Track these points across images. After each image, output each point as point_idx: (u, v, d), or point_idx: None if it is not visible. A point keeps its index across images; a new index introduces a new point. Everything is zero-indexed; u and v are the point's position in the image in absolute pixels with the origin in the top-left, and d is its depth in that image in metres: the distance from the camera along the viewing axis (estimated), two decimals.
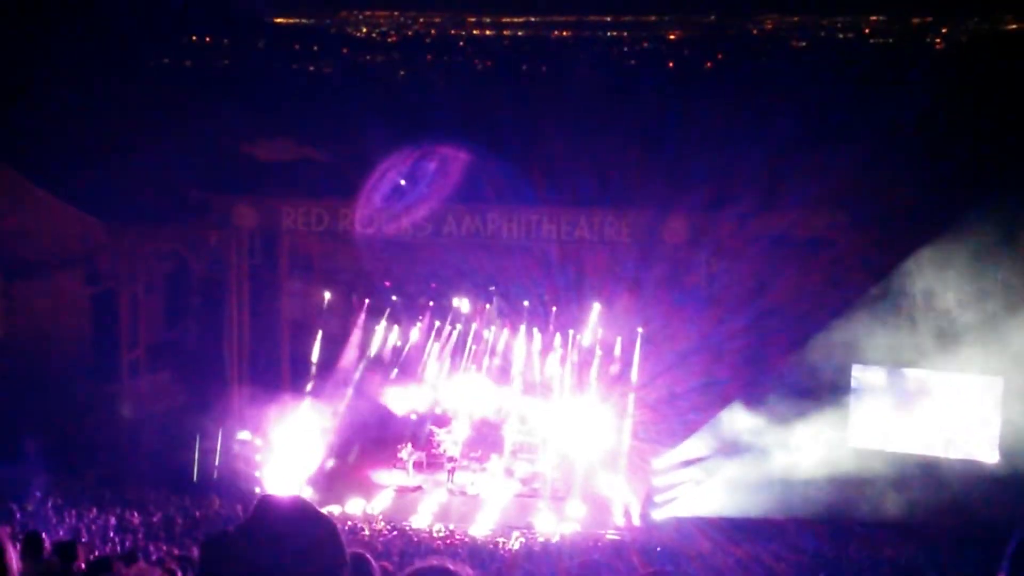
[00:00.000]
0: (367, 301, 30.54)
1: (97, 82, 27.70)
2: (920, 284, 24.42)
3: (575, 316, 29.74)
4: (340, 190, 28.21)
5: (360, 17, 32.87)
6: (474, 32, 32.49)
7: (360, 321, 30.63)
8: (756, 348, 26.48)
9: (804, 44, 31.66)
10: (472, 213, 27.80)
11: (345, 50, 32.45)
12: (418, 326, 30.72)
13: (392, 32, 32.69)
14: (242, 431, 28.02)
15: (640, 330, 28.66)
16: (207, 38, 31.61)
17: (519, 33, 32.54)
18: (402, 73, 32.13)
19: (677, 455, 26.93)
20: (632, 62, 31.99)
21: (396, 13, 32.82)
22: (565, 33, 32.65)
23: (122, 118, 27.66)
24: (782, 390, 25.64)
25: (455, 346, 30.57)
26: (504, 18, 32.27)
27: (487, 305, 30.40)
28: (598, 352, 29.53)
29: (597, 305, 29.48)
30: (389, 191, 27.22)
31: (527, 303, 29.81)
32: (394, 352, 30.80)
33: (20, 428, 24.99)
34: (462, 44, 32.41)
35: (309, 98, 30.12)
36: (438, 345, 30.72)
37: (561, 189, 27.25)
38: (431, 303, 30.60)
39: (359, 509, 26.65)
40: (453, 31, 32.38)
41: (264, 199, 28.56)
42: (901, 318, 24.89)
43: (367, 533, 24.41)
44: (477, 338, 30.51)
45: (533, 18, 32.13)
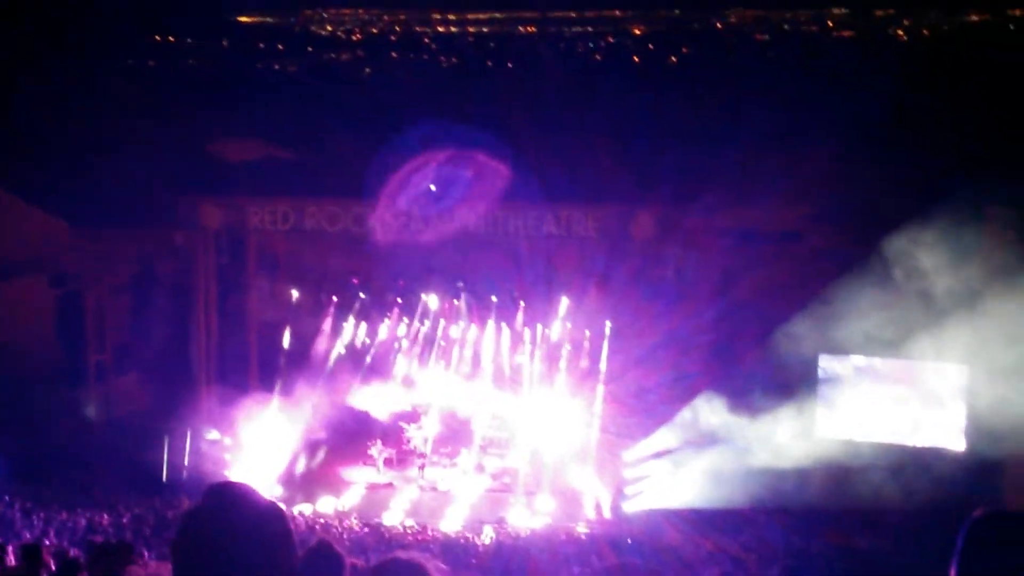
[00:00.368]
0: (335, 299, 30.48)
1: (60, 84, 27.51)
2: (886, 275, 24.53)
3: (543, 311, 29.77)
4: (307, 188, 28.19)
5: (324, 15, 32.76)
6: (439, 29, 32.45)
7: (328, 319, 30.56)
8: (725, 342, 26.58)
9: (768, 38, 31.77)
10: (441, 212, 27.80)
11: (310, 48, 32.34)
12: (386, 323, 30.67)
13: (357, 30, 32.61)
14: (211, 431, 27.93)
15: (608, 324, 28.71)
16: (171, 38, 31.43)
17: (484, 30, 32.53)
18: (367, 71, 32.09)
19: (647, 448, 26.99)
20: (597, 57, 32.00)
21: (361, 11, 32.72)
22: (530, 29, 32.65)
23: (86, 119, 27.50)
24: (750, 382, 25.75)
25: (424, 342, 30.55)
26: (469, 15, 32.21)
27: (455, 301, 30.39)
28: (567, 347, 29.57)
29: (565, 300, 29.52)
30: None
31: (495, 298, 29.83)
32: (363, 349, 30.74)
33: None
34: (427, 41, 32.36)
35: (274, 97, 30.02)
36: (407, 342, 30.70)
37: (528, 185, 27.27)
38: (399, 300, 30.56)
39: (330, 507, 26.61)
40: (418, 28, 32.34)
41: (230, 199, 28.48)
42: (868, 308, 24.99)
43: (339, 530, 24.37)
44: (446, 334, 30.52)
45: (498, 14, 32.09)
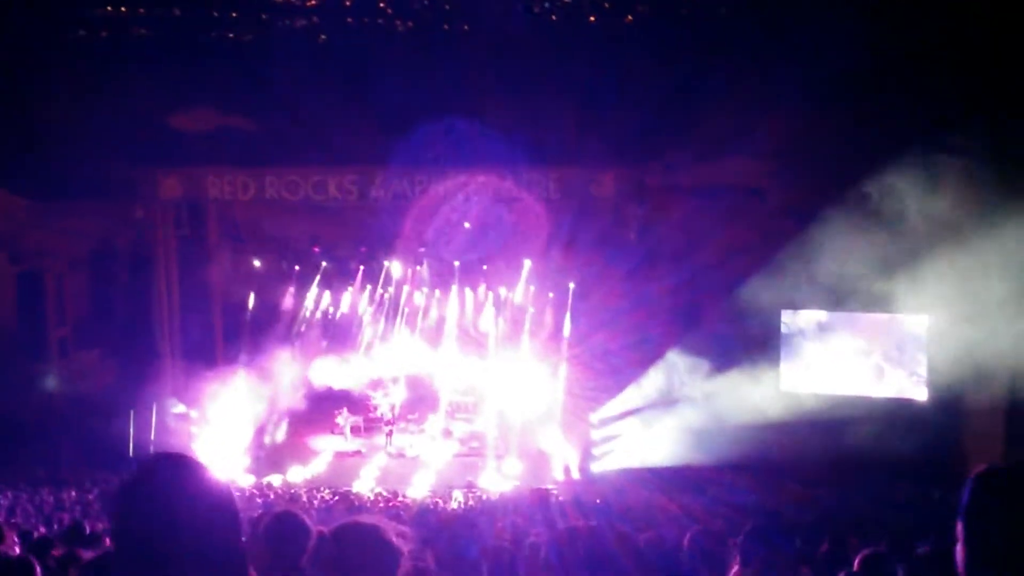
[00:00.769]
0: (297, 268, 30.39)
1: (11, 58, 27.13)
2: (846, 229, 24.64)
3: (507, 274, 29.80)
4: (265, 158, 28.00)
5: None
6: None
7: (291, 288, 30.49)
8: (689, 303, 26.69)
9: None
10: (399, 175, 27.73)
11: (264, 16, 31.92)
12: (350, 290, 30.62)
13: None
14: (176, 404, 27.84)
15: (572, 286, 28.77)
16: (122, 8, 30.98)
17: None
18: (323, 37, 31.74)
19: (613, 409, 27.13)
20: (553, 17, 31.78)
21: None
22: None
23: (39, 94, 27.16)
24: (714, 340, 25.90)
25: (388, 309, 30.54)
26: None
27: (417, 267, 30.37)
28: (530, 309, 29.63)
29: (528, 263, 29.54)
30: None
31: (458, 263, 29.83)
32: (327, 317, 30.71)
33: None
34: (383, 6, 31.97)
35: (229, 66, 29.67)
36: (371, 308, 30.67)
37: (489, 148, 27.20)
38: (361, 267, 30.50)
39: (299, 476, 26.64)
40: None
41: (189, 170, 28.28)
42: (828, 262, 25.13)
43: (308, 500, 24.39)
44: (409, 300, 30.51)
45: None
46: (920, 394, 25.45)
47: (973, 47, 24.16)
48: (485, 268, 29.86)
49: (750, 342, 26.11)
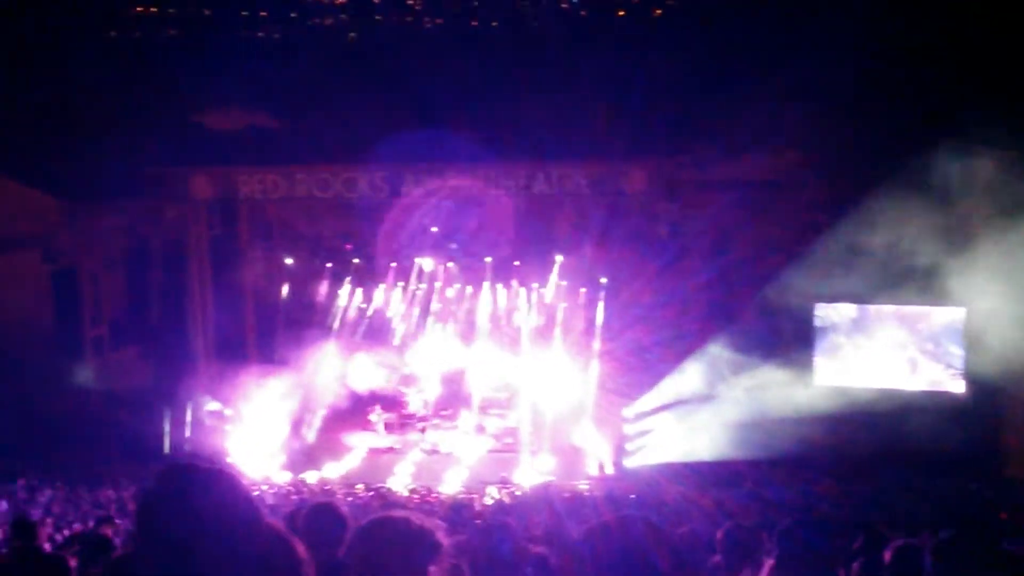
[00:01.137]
0: (329, 265, 30.45)
1: (45, 59, 27.32)
2: (880, 218, 24.50)
3: (538, 270, 29.77)
4: (296, 156, 28.06)
5: None
6: None
7: (323, 285, 30.55)
8: (722, 298, 26.58)
9: None
10: (431, 172, 27.74)
11: (293, 14, 32.04)
12: (382, 287, 30.67)
13: None
14: (210, 401, 27.94)
15: (604, 282, 28.71)
16: (152, 8, 31.15)
17: None
18: (352, 35, 31.82)
19: (647, 404, 27.06)
20: (582, 13, 31.75)
21: None
22: None
23: (72, 94, 27.33)
24: (747, 334, 25.79)
25: (420, 305, 30.57)
26: None
27: (449, 263, 30.38)
28: (562, 305, 29.59)
29: (560, 258, 29.50)
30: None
31: (489, 259, 29.80)
32: (359, 314, 30.76)
33: None
34: (411, 2, 32.04)
35: (259, 65, 29.75)
36: (403, 305, 30.71)
37: (519, 143, 27.20)
38: (393, 264, 30.54)
39: (333, 473, 26.70)
40: None
41: (220, 169, 28.35)
42: (862, 254, 24.99)
43: (342, 496, 24.44)
44: (442, 296, 30.53)
45: None
46: (957, 387, 25.26)
47: (1012, 34, 23.97)
48: (517, 264, 29.82)
49: (784, 336, 26.02)
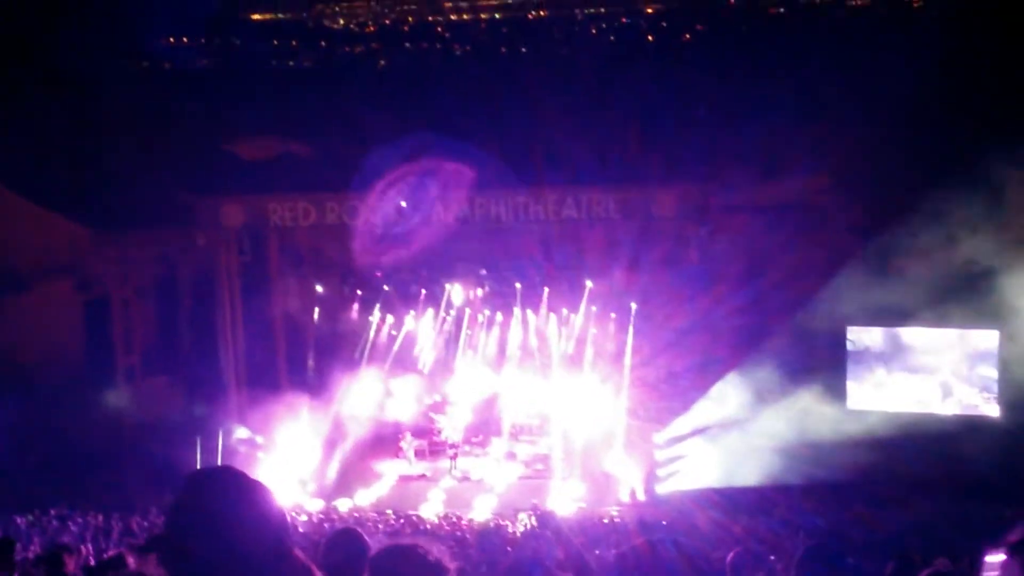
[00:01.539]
0: (359, 292, 30.48)
1: (78, 89, 27.53)
2: (912, 242, 24.38)
3: (569, 295, 29.72)
4: (326, 183, 28.15)
5: (337, 9, 32.68)
6: (451, 17, 32.32)
7: (354, 312, 30.58)
8: (754, 323, 26.42)
9: (782, 10, 31.50)
10: (460, 198, 27.77)
11: (323, 43, 32.25)
12: (412, 314, 30.67)
13: (369, 22, 32.50)
14: (241, 428, 27.98)
15: (635, 307, 28.62)
16: (184, 39, 31.41)
17: (496, 16, 32.38)
18: (382, 63, 31.99)
19: (678, 429, 26.93)
20: (611, 38, 31.81)
21: (373, 3, 32.63)
22: (542, 13, 32.47)
23: (104, 124, 27.52)
24: (779, 359, 25.62)
25: (450, 331, 30.56)
26: (481, 2, 32.07)
27: (479, 289, 30.37)
28: (593, 331, 29.50)
29: (590, 284, 29.45)
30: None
31: (519, 285, 29.78)
32: (389, 341, 30.77)
33: (20, 440, 25.00)
34: (440, 30, 32.21)
35: (290, 93, 29.95)
36: (433, 332, 30.70)
37: (548, 169, 27.21)
38: (423, 290, 30.55)
39: (364, 500, 26.66)
40: (431, 17, 32.21)
41: (250, 197, 28.47)
42: (894, 277, 24.85)
43: (373, 523, 24.39)
44: (471, 322, 30.51)
45: (510, 0, 31.93)
46: (992, 410, 25.01)
47: None
48: (547, 290, 29.78)
49: (816, 361, 25.84)
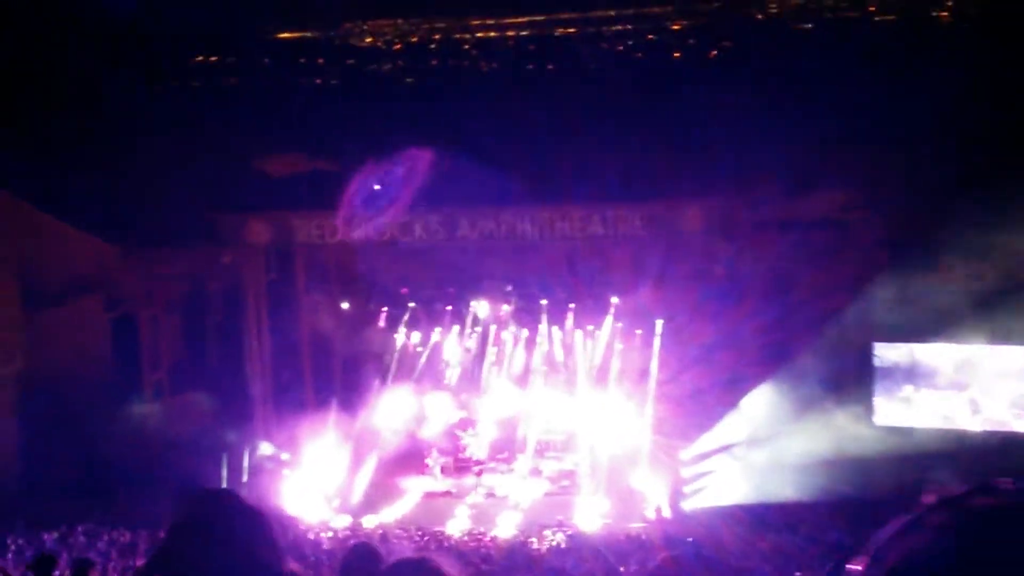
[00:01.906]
0: (385, 309, 30.54)
1: (103, 107, 27.75)
2: (941, 258, 24.28)
3: (594, 312, 29.68)
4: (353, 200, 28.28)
5: (364, 27, 32.74)
6: (478, 35, 32.35)
7: (380, 330, 30.63)
8: (781, 340, 26.32)
9: (809, 26, 31.40)
10: (485, 215, 27.85)
11: (350, 61, 32.36)
12: (438, 331, 30.70)
13: (396, 40, 32.59)
14: (267, 445, 28.09)
15: (661, 324, 28.54)
16: (212, 58, 31.60)
17: (523, 33, 32.39)
18: (409, 80, 32.07)
19: (704, 446, 26.85)
20: (638, 55, 31.78)
21: (400, 20, 32.68)
22: (569, 30, 32.48)
23: (130, 141, 27.73)
24: (806, 375, 25.53)
25: (476, 349, 30.56)
26: (507, 19, 32.10)
27: (504, 306, 30.37)
28: (619, 347, 29.44)
29: (616, 300, 29.39)
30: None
31: (545, 301, 29.77)
32: (416, 358, 30.80)
33: (49, 457, 25.22)
34: (467, 47, 32.27)
35: (317, 111, 30.07)
36: (459, 348, 30.71)
37: (574, 185, 27.24)
38: (449, 307, 30.58)
39: (390, 517, 26.68)
40: (457, 35, 32.25)
41: (276, 214, 28.63)
42: (922, 293, 24.73)
43: (399, 540, 24.40)
44: (497, 339, 30.50)
45: (537, 17, 31.94)
46: (1022, 426, 24.81)
47: None
48: (572, 306, 29.75)
49: (843, 377, 25.73)
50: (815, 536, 21.52)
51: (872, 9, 30.30)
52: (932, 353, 25.59)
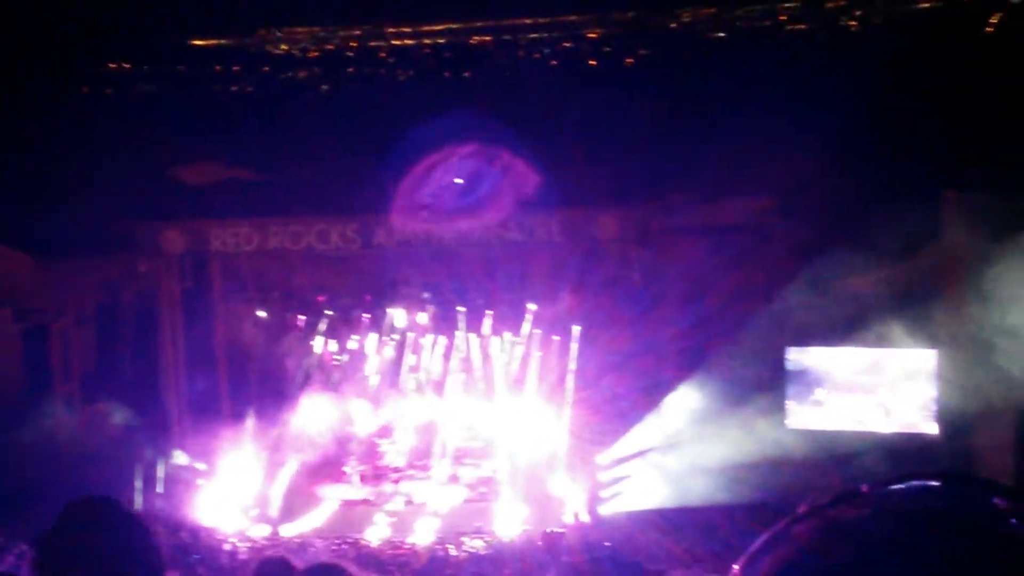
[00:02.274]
0: (302, 317, 30.38)
1: (15, 116, 27.34)
2: (852, 263, 24.64)
3: (512, 318, 29.74)
4: (269, 208, 28.13)
5: (279, 34, 32.48)
6: (394, 43, 32.24)
7: (296, 338, 30.44)
8: (697, 345, 26.59)
9: (723, 35, 31.74)
10: (403, 223, 27.83)
11: (266, 68, 32.13)
12: (355, 339, 30.58)
13: (312, 47, 32.39)
14: (181, 455, 27.82)
15: (578, 330, 28.68)
16: (125, 64, 31.23)
17: (439, 41, 32.37)
18: (325, 88, 31.94)
19: (621, 450, 27.03)
20: (553, 63, 31.92)
21: (316, 28, 32.48)
22: (485, 38, 32.51)
23: (42, 150, 27.34)
24: (721, 380, 25.82)
25: (393, 356, 30.48)
26: (423, 27, 32.06)
27: (422, 313, 30.34)
28: (536, 353, 29.53)
29: (533, 306, 29.48)
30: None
31: (463, 308, 29.78)
32: (332, 366, 30.65)
33: None
34: (383, 55, 32.17)
35: (233, 119, 29.85)
36: (376, 356, 30.61)
37: (492, 192, 27.31)
38: (366, 315, 30.48)
39: (307, 526, 26.55)
40: (373, 43, 32.13)
41: (191, 222, 28.41)
42: (833, 298, 25.10)
43: (316, 549, 24.30)
44: (415, 346, 30.45)
45: (452, 25, 31.94)
46: (931, 428, 25.26)
47: (983, 87, 24.24)
48: (490, 313, 29.80)
49: (757, 381, 26.02)
50: (729, 540, 21.78)
51: (783, 19, 30.74)
52: (842, 357, 25.97)
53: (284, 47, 33.01)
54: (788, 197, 26.17)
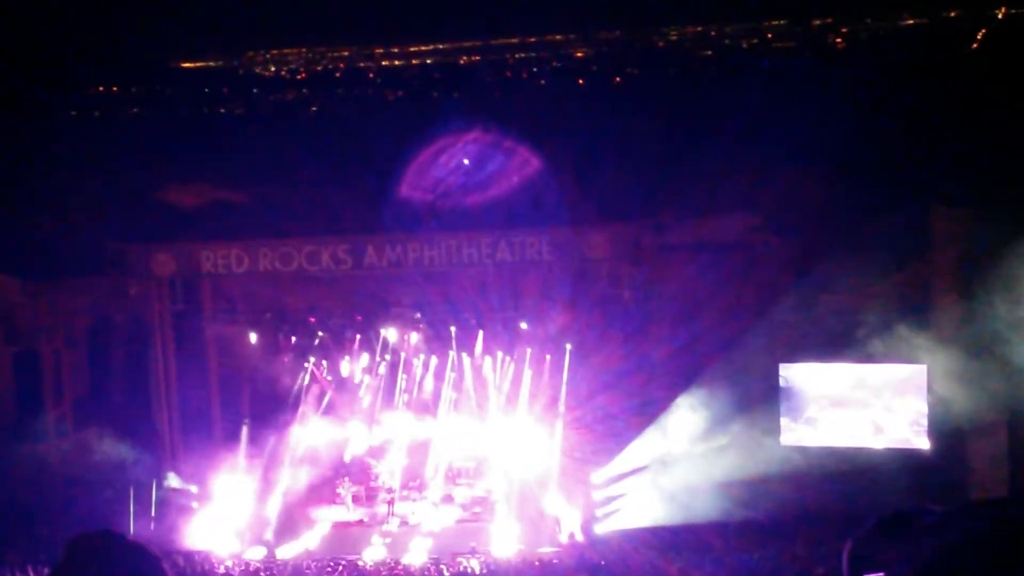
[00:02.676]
0: (293, 339, 30.33)
1: (5, 138, 27.32)
2: (843, 280, 24.72)
3: (505, 338, 29.73)
4: (259, 230, 28.10)
5: (268, 56, 32.65)
6: (383, 63, 32.42)
7: (288, 360, 30.38)
8: (689, 363, 26.57)
9: (709, 53, 31.94)
10: (392, 243, 27.86)
11: (255, 90, 32.22)
12: (347, 359, 30.54)
13: (301, 69, 32.53)
14: (174, 478, 27.72)
15: (570, 349, 28.67)
16: (114, 88, 31.27)
17: (427, 61, 32.54)
18: (314, 109, 32.02)
19: (614, 470, 27.02)
20: (542, 82, 32.06)
21: (304, 49, 32.65)
22: (474, 58, 32.67)
23: (32, 173, 27.33)
24: (714, 397, 25.84)
25: (385, 376, 30.42)
26: (412, 47, 32.21)
27: (414, 333, 30.31)
28: (529, 372, 29.52)
29: (525, 325, 29.49)
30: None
31: (454, 328, 29.76)
32: (325, 387, 30.59)
33: None
34: (372, 76, 32.29)
35: (223, 141, 29.87)
36: (368, 376, 30.56)
37: (481, 212, 27.37)
38: (358, 336, 30.43)
39: (302, 547, 26.44)
40: (362, 64, 32.28)
41: (182, 245, 28.35)
42: (825, 314, 25.18)
43: (311, 571, 24.23)
44: (407, 367, 30.41)
45: (440, 45, 32.09)
46: (922, 443, 25.30)
47: (970, 104, 24.41)
48: (482, 332, 29.80)
49: (750, 398, 26.06)
50: (723, 559, 21.78)
51: (770, 36, 30.94)
52: (834, 373, 26.01)
53: (273, 68, 33.13)
54: (777, 213, 26.26)
